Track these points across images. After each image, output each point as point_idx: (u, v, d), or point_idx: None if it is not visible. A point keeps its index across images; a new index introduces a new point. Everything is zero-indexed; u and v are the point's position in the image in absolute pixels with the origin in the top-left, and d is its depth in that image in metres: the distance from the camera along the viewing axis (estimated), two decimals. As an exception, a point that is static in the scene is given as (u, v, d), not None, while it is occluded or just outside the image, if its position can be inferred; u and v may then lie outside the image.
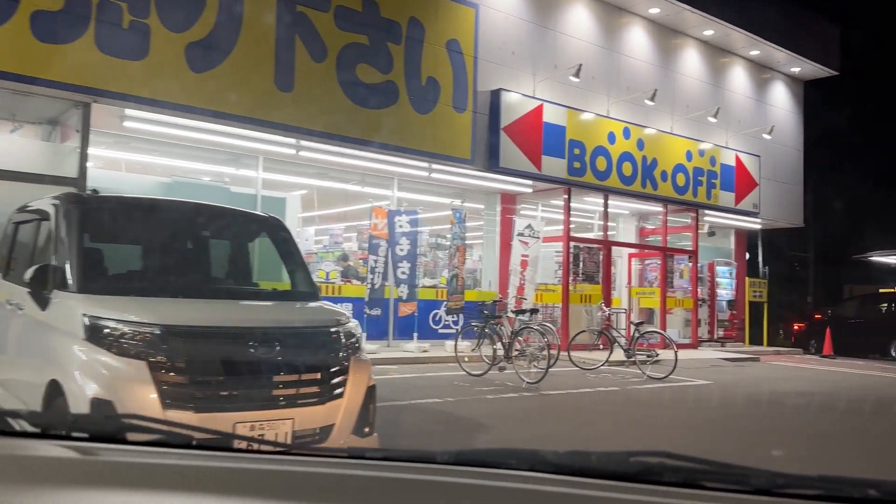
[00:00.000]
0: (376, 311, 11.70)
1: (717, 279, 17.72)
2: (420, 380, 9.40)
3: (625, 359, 11.16)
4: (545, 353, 9.11)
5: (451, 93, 12.00)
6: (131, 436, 1.21)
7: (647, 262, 16.40)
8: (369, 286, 11.70)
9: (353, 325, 4.29)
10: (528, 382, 8.95)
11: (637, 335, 11.04)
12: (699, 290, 17.19)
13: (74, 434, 1.20)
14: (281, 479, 1.06)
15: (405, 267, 11.97)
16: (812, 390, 10.32)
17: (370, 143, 11.14)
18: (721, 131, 16.70)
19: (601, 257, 14.52)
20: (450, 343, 11.28)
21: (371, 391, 4.17)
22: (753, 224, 18.05)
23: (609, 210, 15.18)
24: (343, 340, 4.09)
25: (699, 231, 16.74)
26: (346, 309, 5.49)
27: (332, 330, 4.10)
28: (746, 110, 17.57)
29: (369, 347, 11.31)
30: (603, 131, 14.09)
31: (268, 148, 10.93)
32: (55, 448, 1.14)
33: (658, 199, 15.24)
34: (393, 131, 11.42)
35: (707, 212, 16.52)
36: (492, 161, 12.44)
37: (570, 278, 14.13)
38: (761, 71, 18.09)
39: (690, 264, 16.18)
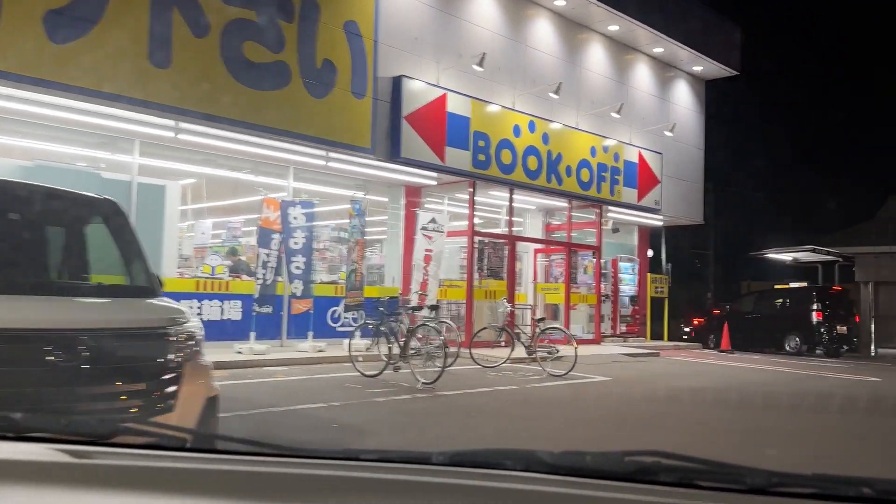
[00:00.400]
0: (267, 309, 10.94)
1: (620, 275, 17.85)
2: (308, 382, 8.76)
3: (527, 356, 10.88)
4: (442, 351, 8.65)
5: (349, 77, 11.36)
6: (123, 438, 1.20)
7: (552, 257, 16.28)
8: (260, 282, 10.92)
9: (193, 325, 3.65)
10: (423, 383, 8.47)
11: (538, 331, 10.78)
12: (603, 285, 17.24)
13: (66, 437, 1.18)
14: (274, 480, 1.05)
15: (300, 261, 11.26)
16: (705, 385, 10.34)
17: (259, 127, 10.38)
18: (625, 128, 16.78)
19: (506, 253, 14.24)
20: (353, 342, 10.68)
21: (212, 403, 3.55)
22: (656, 221, 18.30)
23: (515, 205, 14.95)
24: (176, 343, 3.46)
25: (603, 227, 16.77)
26: (188, 306, 4.78)
27: (163, 331, 3.46)
28: (650, 107, 17.76)
29: (259, 347, 10.59)
30: (508, 124, 13.80)
31: (143, 130, 9.98)
32: (46, 451, 1.12)
33: (563, 194, 15.11)
34: (285, 115, 10.69)
35: (611, 208, 16.56)
36: (393, 151, 11.90)
37: (476, 274, 13.79)
38: (665, 69, 18.34)
39: (594, 260, 16.17)
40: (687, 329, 20.45)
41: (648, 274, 18.50)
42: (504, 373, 10.42)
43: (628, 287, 18.12)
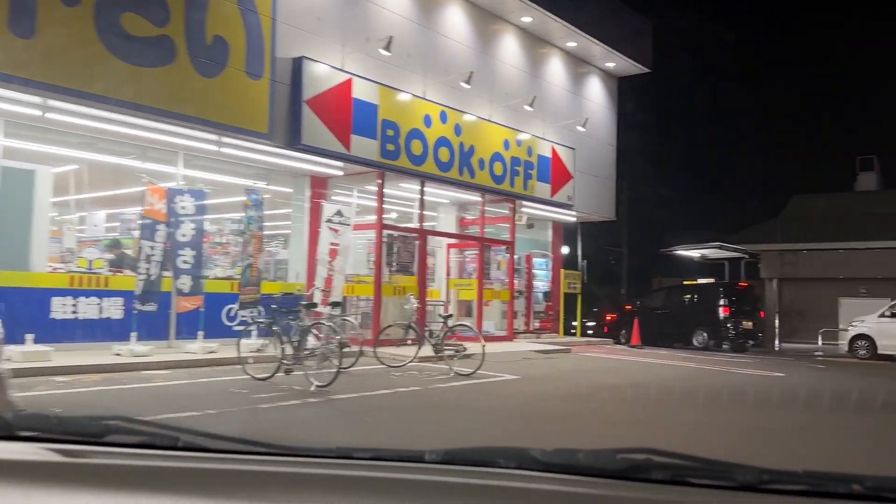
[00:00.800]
0: (150, 307, 10.00)
1: (534, 271, 17.66)
2: (189, 387, 7.97)
3: (434, 354, 10.39)
4: (338, 351, 8.03)
5: (243, 56, 10.55)
6: (115, 438, 1.17)
7: (466, 253, 15.88)
8: (143, 277, 9.97)
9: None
10: (317, 386, 7.83)
11: (446, 329, 10.31)
12: (516, 281, 16.99)
13: (57, 436, 1.16)
14: (267, 479, 1.05)
15: (188, 255, 10.37)
16: (611, 382, 10.14)
17: (140, 107, 9.45)
18: (538, 122, 16.56)
19: (417, 247, 13.72)
20: (245, 342, 9.87)
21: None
22: (569, 217, 18.20)
23: (428, 198, 14.46)
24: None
25: (517, 222, 16.50)
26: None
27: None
28: (563, 102, 17.62)
29: (141, 349, 9.64)
30: (419, 113, 13.28)
31: (5, 107, 8.89)
32: (37, 450, 1.11)
33: (476, 187, 14.72)
34: (170, 95, 9.79)
35: (525, 203, 16.31)
36: (293, 137, 11.15)
37: (385, 269, 13.21)
38: (578, 64, 18.25)
39: (508, 255, 15.87)
40: (591, 324, 20.54)
41: (562, 270, 18.39)
42: (409, 373, 9.90)
43: (542, 283, 17.95)
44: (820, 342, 19.98)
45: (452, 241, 15.66)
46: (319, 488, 1.03)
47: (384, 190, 13.07)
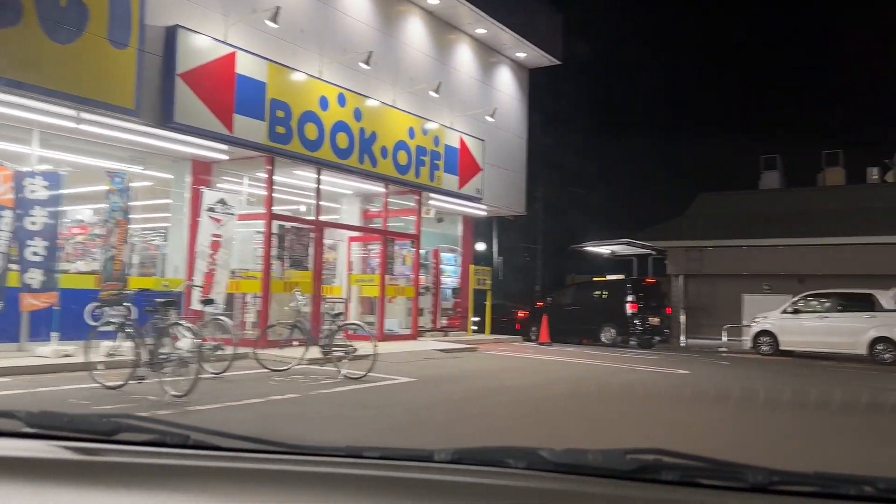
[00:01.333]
0: (-10, 304, 8.69)
1: (442, 266, 16.99)
2: (24, 398, 6.81)
3: (322, 356, 9.51)
4: (197, 355, 7.04)
5: (105, 21, 9.30)
6: (127, 436, 1.19)
7: (370, 247, 15.01)
8: (-19, 270, 8.64)
9: None
10: (173, 395, 6.82)
11: (334, 327, 9.44)
12: (423, 277, 16.28)
13: (69, 434, 1.18)
14: (277, 478, 1.05)
15: (39, 246, 9.08)
16: (512, 383, 9.54)
17: (-26, 73, 8.12)
18: (446, 111, 15.87)
19: (312, 240, 12.75)
20: (107, 344, 8.66)
21: None
22: (479, 210, 17.60)
23: (327, 188, 13.51)
24: None
25: (425, 216, 15.77)
26: None
27: None
28: (472, 92, 17.00)
29: (-23, 353, 8.36)
30: (314, 94, 12.31)
31: None
32: (50, 448, 1.12)
33: (378, 177, 13.87)
34: (16, 62, 8.49)
35: (432, 195, 15.58)
36: (165, 114, 9.99)
37: (277, 263, 12.19)
38: (488, 53, 17.67)
39: (413, 250, 15.10)
40: (476, 319, 20.11)
41: (471, 266, 17.80)
42: (293, 377, 8.97)
43: (450, 279, 17.31)
44: (724, 338, 20.21)
45: (354, 234, 14.76)
46: (329, 487, 1.02)
47: (276, 177, 12.02)
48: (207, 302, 9.40)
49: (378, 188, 14.42)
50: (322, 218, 12.91)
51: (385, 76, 14.17)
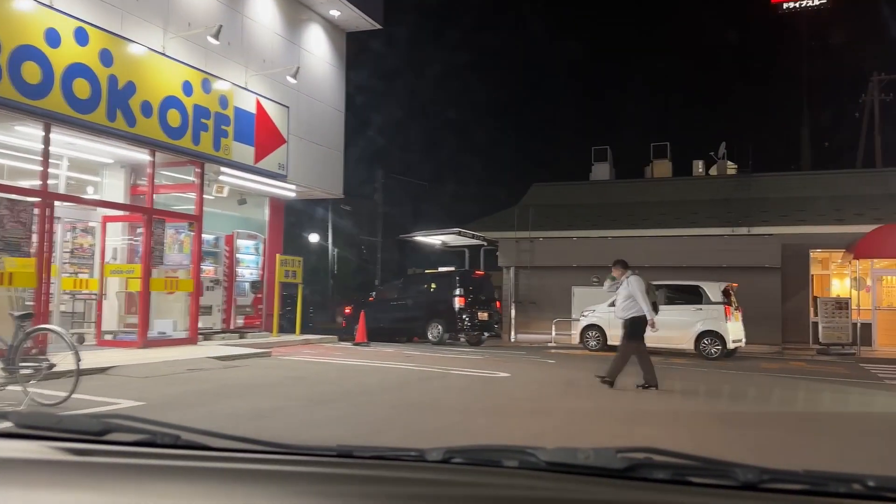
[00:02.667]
0: None
1: (238, 255, 14.37)
2: None
3: (3, 373, 6.73)
4: None
5: None
6: (117, 436, 1.17)
7: (139, 230, 12.07)
8: None
9: None
10: None
11: (22, 336, 6.70)
12: (213, 268, 13.60)
13: (60, 434, 1.17)
14: (268, 478, 1.04)
15: None
16: (269, 403, 7.30)
17: None
18: (239, 68, 13.28)
19: (36, 217, 9.70)
20: None
21: None
22: (285, 191, 15.11)
23: (78, 154, 10.57)
24: None
25: (216, 194, 13.08)
26: None
27: None
28: (274, 49, 14.49)
29: None
30: (36, 25, 9.31)
31: None
32: (39, 448, 1.12)
33: (138, 140, 11.02)
34: None
35: (222, 169, 12.92)
36: None
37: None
38: (296, 8, 15.21)
39: (192, 234, 12.37)
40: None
41: (278, 255, 15.30)
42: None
43: (250, 270, 14.72)
44: (553, 333, 19.21)
45: (111, 212, 11.77)
46: (320, 486, 1.01)
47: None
48: None
49: (141, 155, 11.54)
50: (46, 187, 9.86)
51: (152, 15, 11.36)
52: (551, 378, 10.66)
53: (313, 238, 34.96)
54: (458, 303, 16.99)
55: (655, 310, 9.14)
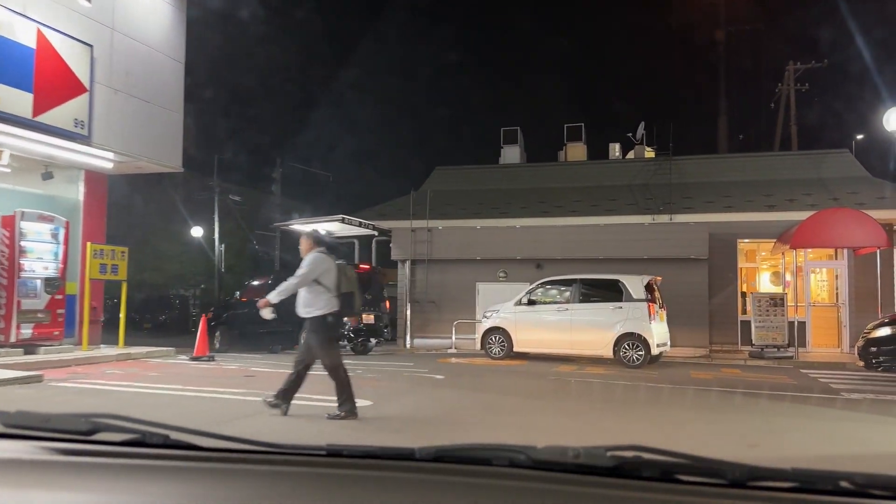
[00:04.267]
0: None
1: (24, 243, 10.74)
2: None
3: None
4: None
5: None
6: (105, 435, 1.16)
7: None
8: None
9: None
10: None
11: None
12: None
13: (48, 434, 1.15)
14: (258, 477, 1.03)
15: None
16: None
17: None
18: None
19: None
20: None
21: None
22: (95, 158, 11.48)
23: None
24: None
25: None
26: None
27: None
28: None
29: None
30: None
31: None
32: (28, 448, 1.10)
33: None
34: None
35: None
36: None
37: None
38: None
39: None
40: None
41: (89, 244, 11.72)
42: None
43: (44, 265, 11.09)
44: (454, 337, 16.39)
45: None
46: (310, 485, 1.01)
47: None
48: None
49: None
50: None
51: None
52: (420, 408, 7.67)
53: (196, 232, 30.97)
54: (335, 303, 13.85)
55: (352, 305, 6.51)
